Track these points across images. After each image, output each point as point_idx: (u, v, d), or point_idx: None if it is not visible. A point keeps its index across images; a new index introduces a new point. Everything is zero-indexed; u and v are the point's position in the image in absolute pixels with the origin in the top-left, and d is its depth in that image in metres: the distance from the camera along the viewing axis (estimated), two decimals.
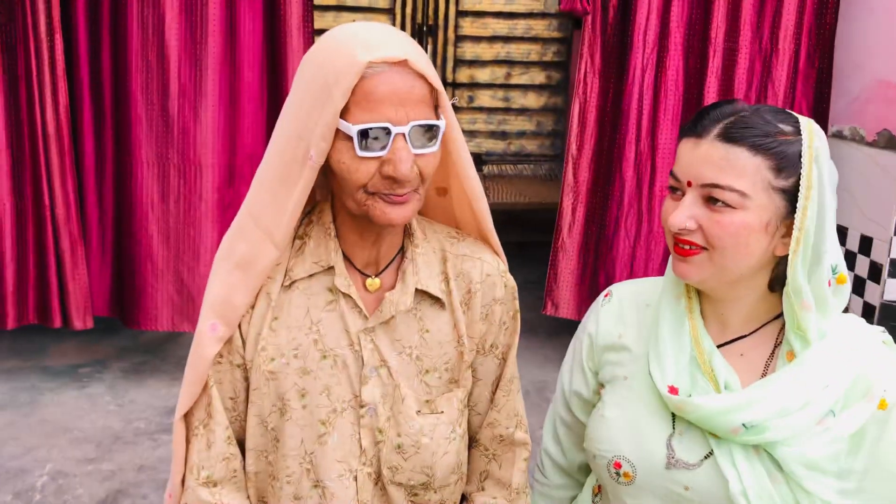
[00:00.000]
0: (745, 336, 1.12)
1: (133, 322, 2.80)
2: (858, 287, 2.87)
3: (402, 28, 3.22)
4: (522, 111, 4.16)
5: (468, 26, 3.92)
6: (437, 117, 1.02)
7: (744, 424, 1.03)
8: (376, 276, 1.12)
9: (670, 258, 1.16)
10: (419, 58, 1.00)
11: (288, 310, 1.09)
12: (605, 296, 1.26)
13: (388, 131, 0.97)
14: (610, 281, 3.00)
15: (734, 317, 1.12)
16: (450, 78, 4.05)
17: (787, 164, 1.03)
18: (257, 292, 1.09)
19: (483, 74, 4.07)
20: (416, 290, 1.11)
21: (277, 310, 1.09)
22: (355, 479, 1.10)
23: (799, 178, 1.03)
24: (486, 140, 4.21)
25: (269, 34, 2.68)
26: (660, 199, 2.96)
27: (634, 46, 2.81)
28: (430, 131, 1.01)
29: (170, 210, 2.72)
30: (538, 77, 4.07)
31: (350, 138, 0.97)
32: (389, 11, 3.27)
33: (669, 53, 2.82)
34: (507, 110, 4.14)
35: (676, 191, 1.08)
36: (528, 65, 4.02)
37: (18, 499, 2.23)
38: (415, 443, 1.10)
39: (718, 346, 1.11)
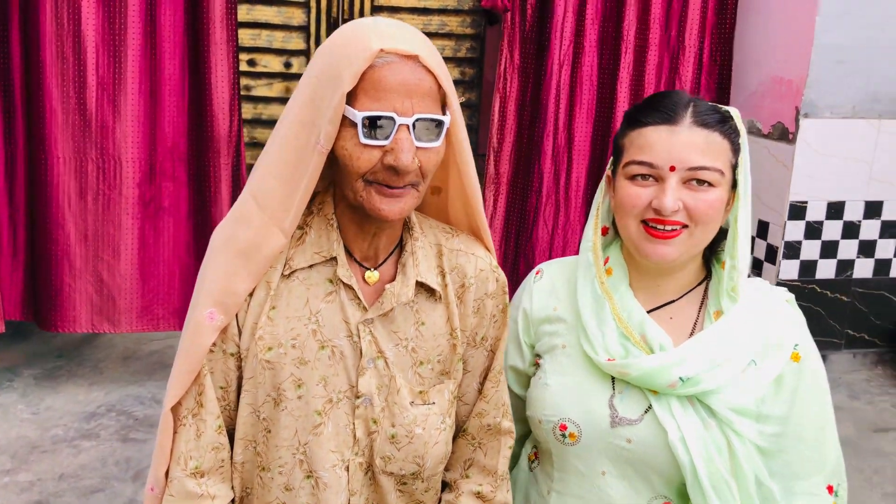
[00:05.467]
0: (674, 301, 1.23)
1: (49, 324, 2.66)
2: (756, 268, 3.11)
3: (318, 22, 3.21)
4: None
5: None
6: (444, 114, 1.03)
7: (681, 378, 1.13)
8: (375, 268, 1.13)
9: (592, 245, 1.24)
10: (431, 55, 1.01)
11: (287, 299, 1.09)
12: (536, 273, 1.34)
13: (392, 121, 0.98)
14: (530, 269, 3.11)
15: (669, 286, 1.23)
16: None
17: (737, 144, 1.17)
18: (259, 280, 1.08)
19: None
20: (416, 282, 1.12)
21: (276, 299, 1.09)
22: (347, 469, 1.10)
23: (738, 157, 1.17)
24: None
25: (191, 25, 2.61)
26: (576, 190, 3.10)
27: (552, 43, 2.93)
28: (435, 127, 1.02)
29: (88, 207, 2.60)
30: (452, 73, 4.13)
31: (354, 125, 0.98)
32: (305, 5, 3.23)
33: (585, 50, 2.95)
34: None
35: (648, 177, 1.16)
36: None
37: None
38: (408, 433, 1.11)
39: (649, 312, 1.21)
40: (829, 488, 1.20)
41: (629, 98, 2.98)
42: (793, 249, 3.00)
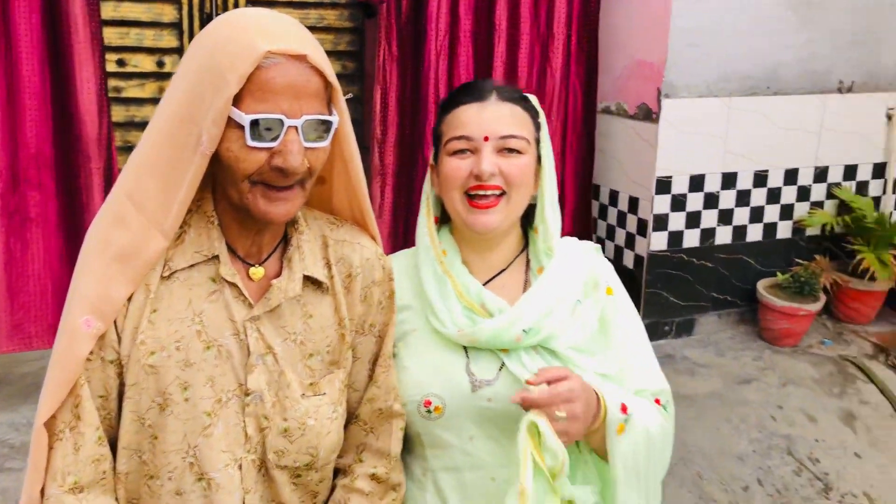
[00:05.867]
0: (503, 271, 1.37)
1: None
2: (629, 242, 3.31)
3: (190, 18, 3.11)
4: None
5: None
6: (331, 113, 1.03)
7: (524, 330, 1.26)
8: (259, 264, 1.12)
9: (428, 230, 1.35)
10: (318, 53, 1.00)
11: (168, 301, 1.06)
12: None
13: (281, 123, 0.97)
14: None
15: (496, 258, 1.37)
16: None
17: (538, 122, 1.35)
18: (138, 284, 1.05)
19: None
20: (303, 276, 1.12)
21: (156, 301, 1.06)
22: (240, 467, 1.09)
23: (539, 133, 1.34)
24: None
25: (50, 24, 2.46)
26: None
27: (428, 34, 2.97)
28: (323, 126, 1.02)
29: None
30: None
31: (241, 127, 0.96)
32: (176, 0, 3.13)
33: (460, 40, 3.02)
34: None
35: (466, 151, 1.29)
36: None
37: None
38: (300, 425, 1.11)
39: (484, 284, 1.34)
40: (657, 400, 1.35)
41: None
42: (661, 222, 3.20)
